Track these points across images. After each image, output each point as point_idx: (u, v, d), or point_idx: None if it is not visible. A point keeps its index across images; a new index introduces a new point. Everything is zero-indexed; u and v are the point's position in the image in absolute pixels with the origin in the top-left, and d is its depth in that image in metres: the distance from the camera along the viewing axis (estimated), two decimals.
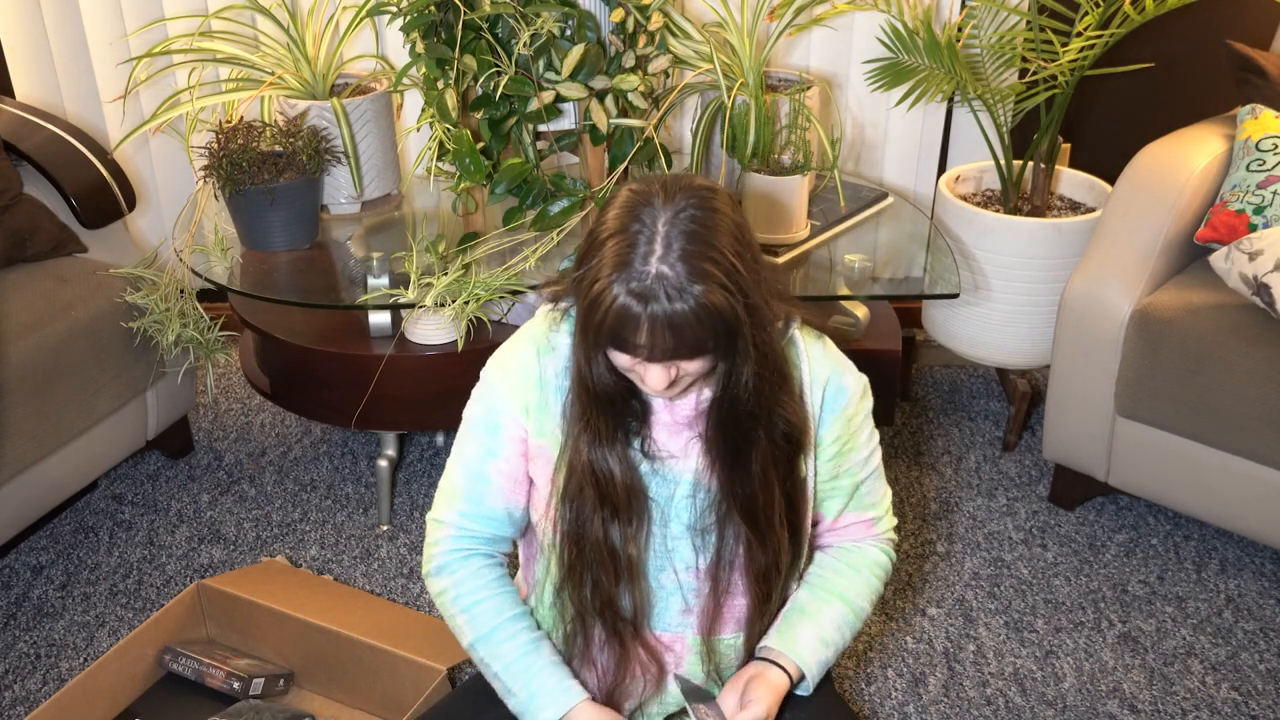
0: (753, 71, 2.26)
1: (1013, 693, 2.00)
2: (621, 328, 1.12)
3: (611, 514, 1.26)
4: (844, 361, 1.34)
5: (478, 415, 1.33)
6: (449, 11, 2.09)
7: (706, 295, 1.10)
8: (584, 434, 1.24)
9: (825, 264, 2.27)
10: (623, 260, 1.11)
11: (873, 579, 1.40)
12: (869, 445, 1.38)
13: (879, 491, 1.42)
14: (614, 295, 1.11)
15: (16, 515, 2.16)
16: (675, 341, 1.12)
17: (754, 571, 1.31)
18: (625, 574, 1.29)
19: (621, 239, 1.12)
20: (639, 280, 1.10)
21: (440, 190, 2.51)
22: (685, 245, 1.11)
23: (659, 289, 1.10)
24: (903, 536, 2.35)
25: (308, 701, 1.97)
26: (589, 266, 1.15)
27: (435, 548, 1.37)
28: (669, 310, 1.10)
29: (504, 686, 1.31)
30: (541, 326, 1.31)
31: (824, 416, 1.32)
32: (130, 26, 2.71)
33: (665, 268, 1.10)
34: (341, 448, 2.64)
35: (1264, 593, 2.21)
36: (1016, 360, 2.56)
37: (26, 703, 1.99)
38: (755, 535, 1.28)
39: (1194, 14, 2.43)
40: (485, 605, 1.33)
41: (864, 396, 1.35)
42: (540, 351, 1.29)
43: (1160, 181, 2.21)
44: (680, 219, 1.12)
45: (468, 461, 1.34)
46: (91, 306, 2.22)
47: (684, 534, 1.31)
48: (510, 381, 1.30)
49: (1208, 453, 2.14)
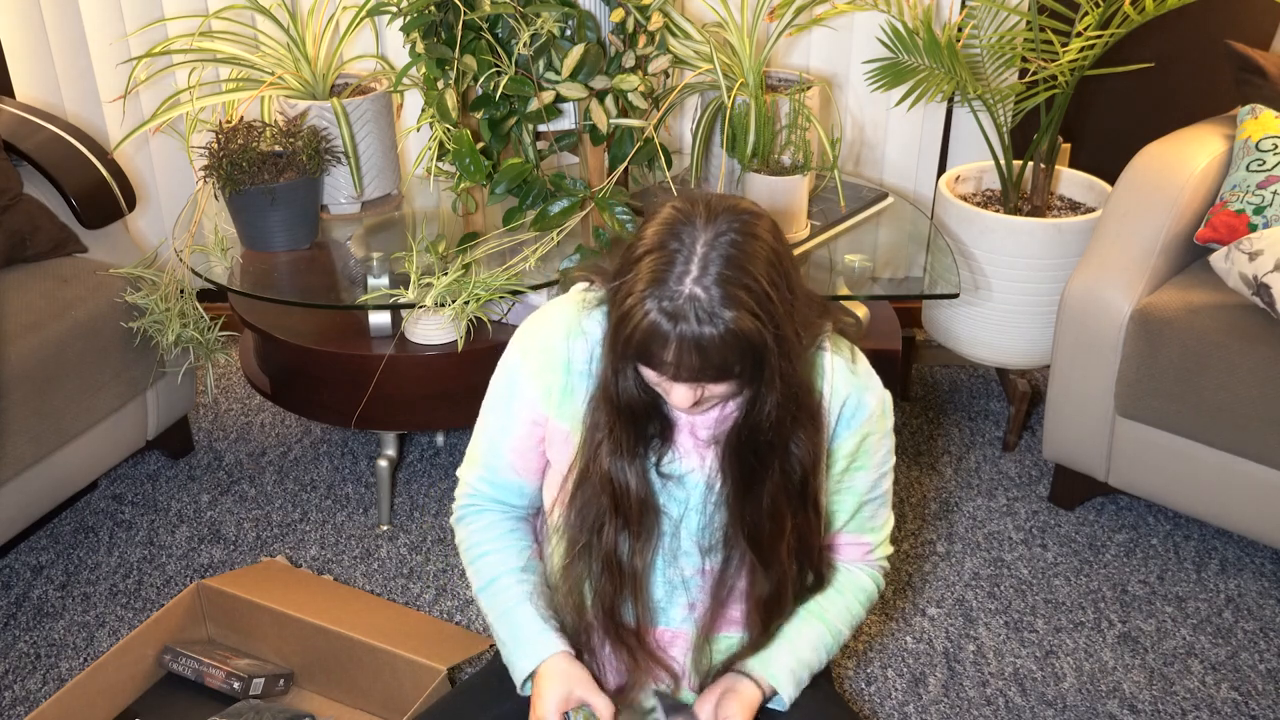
0: (753, 71, 2.26)
1: (1013, 693, 2.00)
2: (650, 344, 1.12)
3: (623, 525, 1.27)
4: (870, 376, 1.33)
5: (500, 388, 1.35)
6: (449, 11, 2.09)
7: (737, 321, 1.10)
8: (606, 443, 1.24)
9: (825, 264, 2.27)
10: (658, 277, 1.11)
11: (855, 604, 1.40)
12: (881, 468, 1.36)
13: (882, 518, 1.41)
14: (645, 311, 1.11)
15: (16, 515, 2.16)
16: (701, 363, 1.11)
17: (754, 597, 1.31)
18: (629, 585, 1.29)
19: (659, 256, 1.12)
20: (671, 300, 1.10)
21: (440, 190, 2.51)
22: (722, 269, 1.10)
23: (690, 310, 1.09)
24: (903, 536, 2.35)
25: (308, 701, 1.97)
26: (624, 280, 1.14)
27: (458, 500, 1.43)
28: (697, 333, 1.10)
29: (497, 636, 1.35)
30: (573, 307, 1.30)
31: (839, 430, 1.31)
32: (130, 26, 2.71)
33: (699, 290, 1.10)
34: (341, 448, 2.64)
35: (1264, 593, 2.21)
36: (1016, 360, 2.56)
37: (26, 703, 1.99)
38: (760, 561, 1.28)
39: (1194, 14, 2.43)
40: (490, 558, 1.37)
41: (884, 415, 1.33)
42: (570, 334, 1.29)
43: (1160, 181, 2.21)
44: (720, 242, 1.11)
45: (488, 430, 1.38)
46: (91, 306, 2.22)
47: (692, 544, 1.31)
48: (534, 362, 1.30)
49: (1208, 453, 2.14)
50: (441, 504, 2.45)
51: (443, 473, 2.55)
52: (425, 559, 2.30)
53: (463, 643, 1.97)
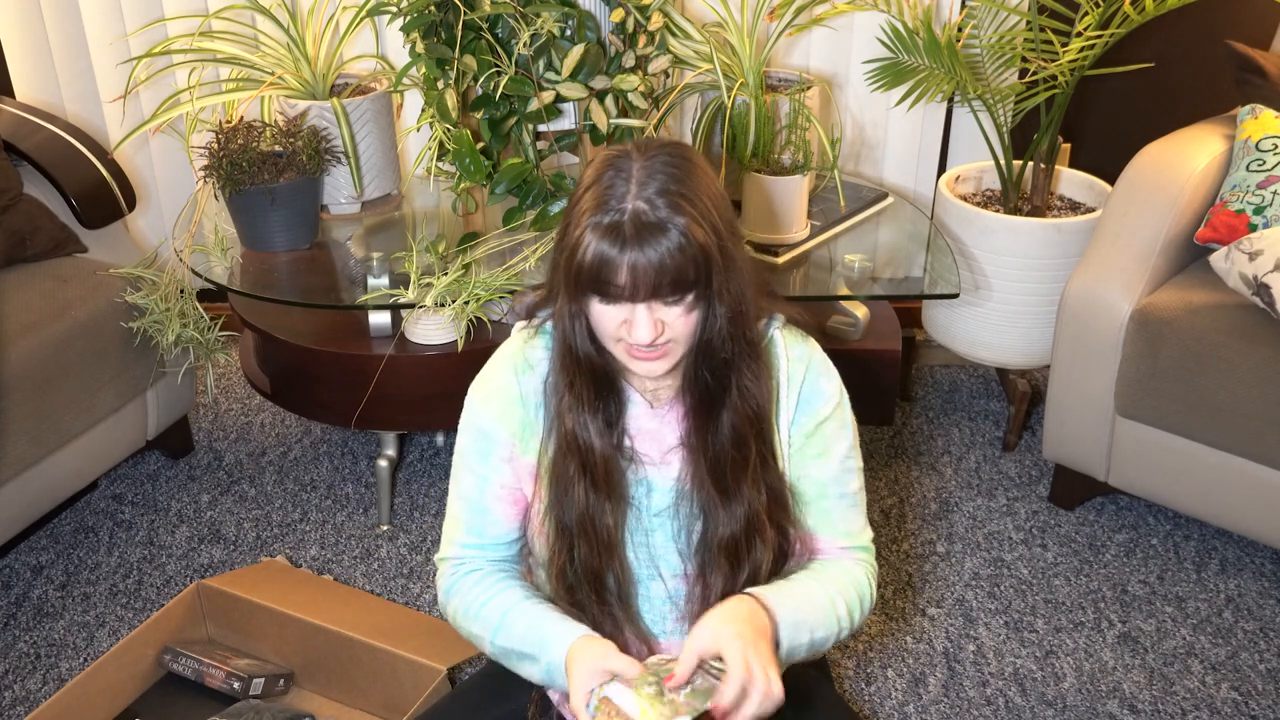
0: (753, 71, 2.26)
1: (1013, 693, 2.00)
2: (601, 269, 1.12)
3: (592, 485, 1.26)
4: (827, 365, 1.32)
5: (468, 445, 1.32)
6: (449, 11, 2.09)
7: (686, 226, 1.11)
8: (567, 398, 1.25)
9: (825, 264, 2.27)
10: (600, 204, 1.13)
11: (841, 576, 1.31)
12: (844, 463, 1.32)
13: (855, 522, 1.34)
14: (592, 236, 1.12)
15: (16, 515, 2.16)
16: (656, 275, 1.12)
17: (719, 540, 1.28)
18: (605, 547, 1.28)
19: (597, 188, 1.14)
20: (616, 215, 1.11)
21: (440, 190, 2.51)
22: (663, 184, 1.12)
23: (638, 223, 1.11)
24: (903, 536, 2.35)
25: (308, 701, 1.97)
26: (568, 223, 1.16)
27: (442, 580, 1.35)
28: (647, 241, 1.11)
29: (530, 660, 1.25)
30: (516, 345, 1.31)
31: (796, 416, 1.30)
32: (130, 26, 2.71)
33: (642, 204, 1.12)
34: (341, 448, 2.64)
35: (1264, 593, 2.21)
36: (1016, 360, 2.56)
37: (26, 703, 1.99)
38: (720, 493, 1.26)
39: (1194, 14, 2.43)
40: (492, 603, 1.30)
41: (841, 405, 1.32)
42: (518, 370, 1.30)
43: (1160, 181, 2.21)
44: (656, 164, 1.14)
45: (465, 497, 1.33)
46: (91, 306, 2.22)
47: (669, 545, 1.31)
48: (495, 405, 1.30)
49: (1208, 453, 2.14)
50: (441, 504, 2.45)
51: (443, 473, 2.55)
52: (425, 559, 2.30)
53: (463, 643, 1.97)
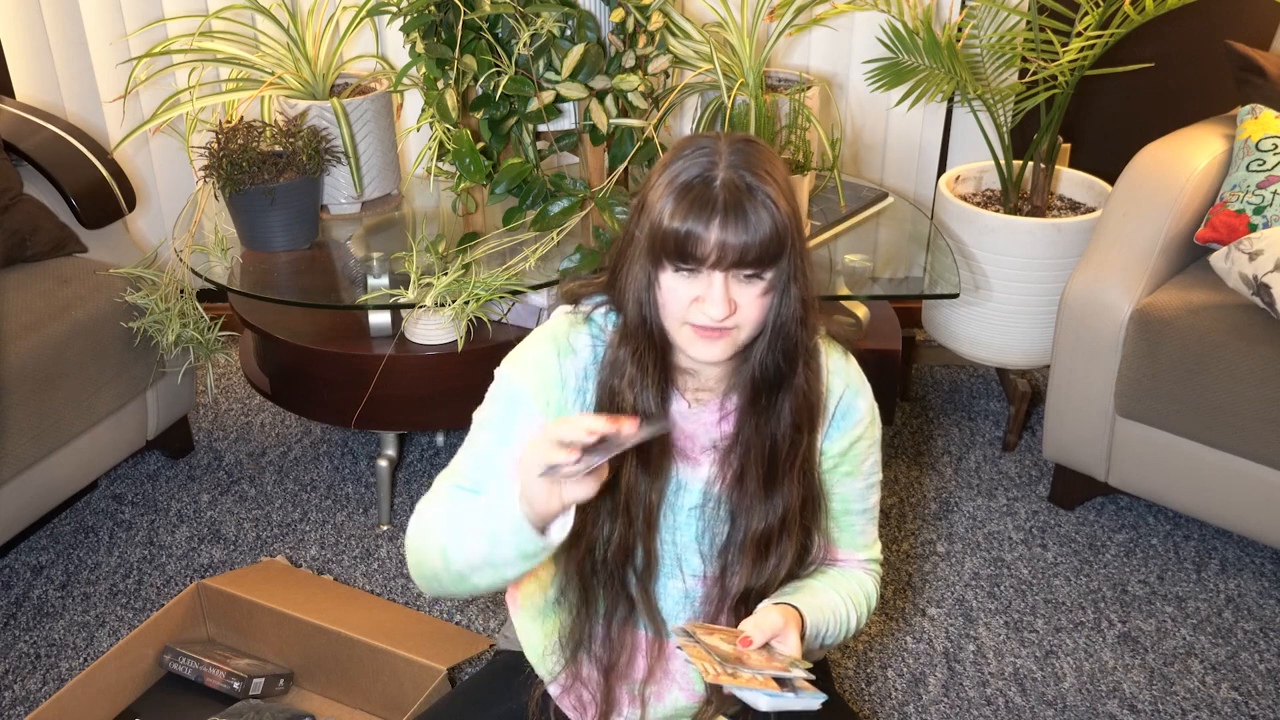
0: (753, 71, 2.26)
1: (1013, 693, 2.00)
2: (689, 234, 1.12)
3: (643, 460, 1.25)
4: (863, 382, 1.32)
5: (498, 407, 1.28)
6: (449, 11, 2.09)
7: (775, 197, 1.13)
8: (630, 369, 1.22)
9: (825, 264, 2.27)
10: (687, 172, 1.14)
11: (854, 585, 1.35)
12: (869, 478, 1.35)
13: (871, 535, 1.38)
14: (680, 203, 1.13)
15: (16, 515, 2.16)
16: (745, 239, 1.12)
17: (752, 532, 1.28)
18: (642, 524, 1.27)
19: (681, 162, 1.15)
20: (706, 183, 1.12)
21: (440, 190, 2.51)
22: (750, 159, 1.14)
23: (730, 188, 1.12)
24: (903, 536, 2.35)
25: (308, 701, 1.97)
26: (647, 195, 1.17)
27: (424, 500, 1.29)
28: (738, 210, 1.12)
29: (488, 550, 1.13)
30: (561, 328, 1.28)
31: (830, 432, 1.30)
32: (130, 26, 2.71)
33: (731, 173, 1.13)
34: (341, 448, 2.64)
35: (1264, 593, 2.21)
36: (1016, 360, 2.56)
37: (26, 703, 1.99)
38: (767, 483, 1.25)
39: (1194, 14, 2.43)
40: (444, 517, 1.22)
41: (874, 422, 1.33)
42: (560, 352, 1.26)
43: (1160, 181, 2.21)
44: (739, 144, 1.16)
45: (480, 447, 1.28)
46: (91, 306, 2.22)
47: (692, 546, 1.31)
48: (534, 378, 1.26)
49: (1208, 453, 2.14)
50: None
51: None
52: None
53: (463, 643, 1.97)
